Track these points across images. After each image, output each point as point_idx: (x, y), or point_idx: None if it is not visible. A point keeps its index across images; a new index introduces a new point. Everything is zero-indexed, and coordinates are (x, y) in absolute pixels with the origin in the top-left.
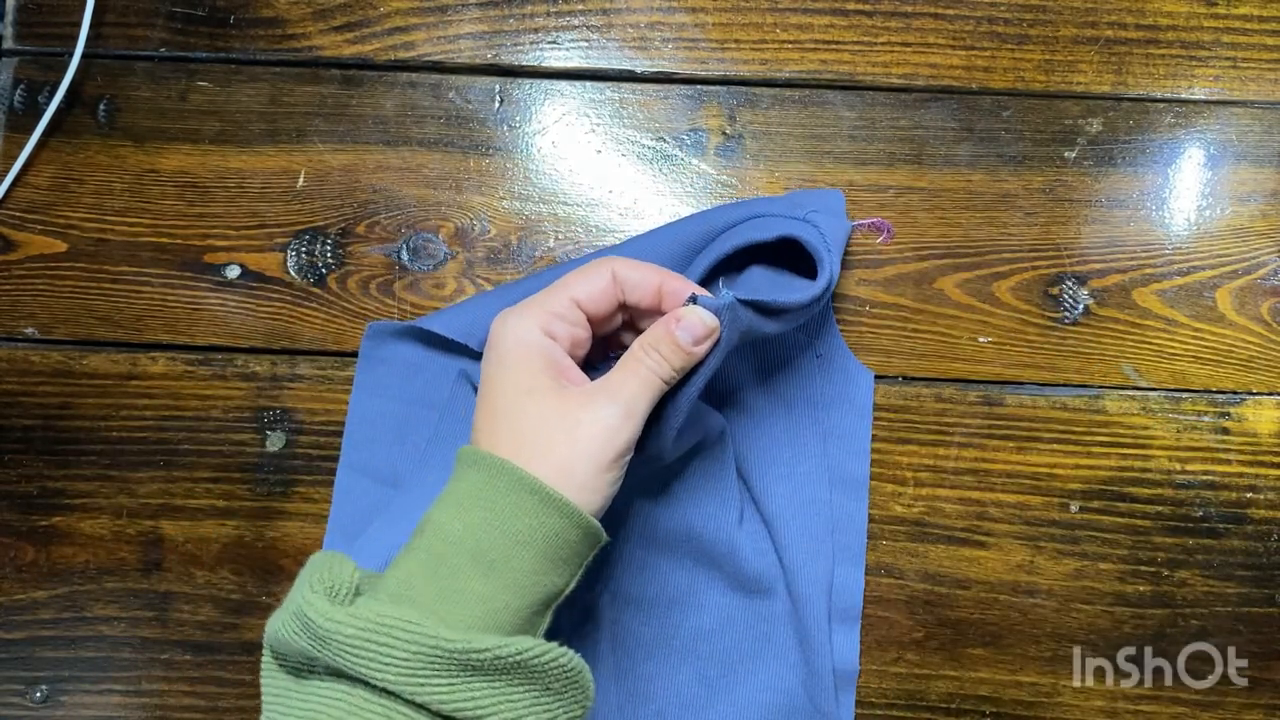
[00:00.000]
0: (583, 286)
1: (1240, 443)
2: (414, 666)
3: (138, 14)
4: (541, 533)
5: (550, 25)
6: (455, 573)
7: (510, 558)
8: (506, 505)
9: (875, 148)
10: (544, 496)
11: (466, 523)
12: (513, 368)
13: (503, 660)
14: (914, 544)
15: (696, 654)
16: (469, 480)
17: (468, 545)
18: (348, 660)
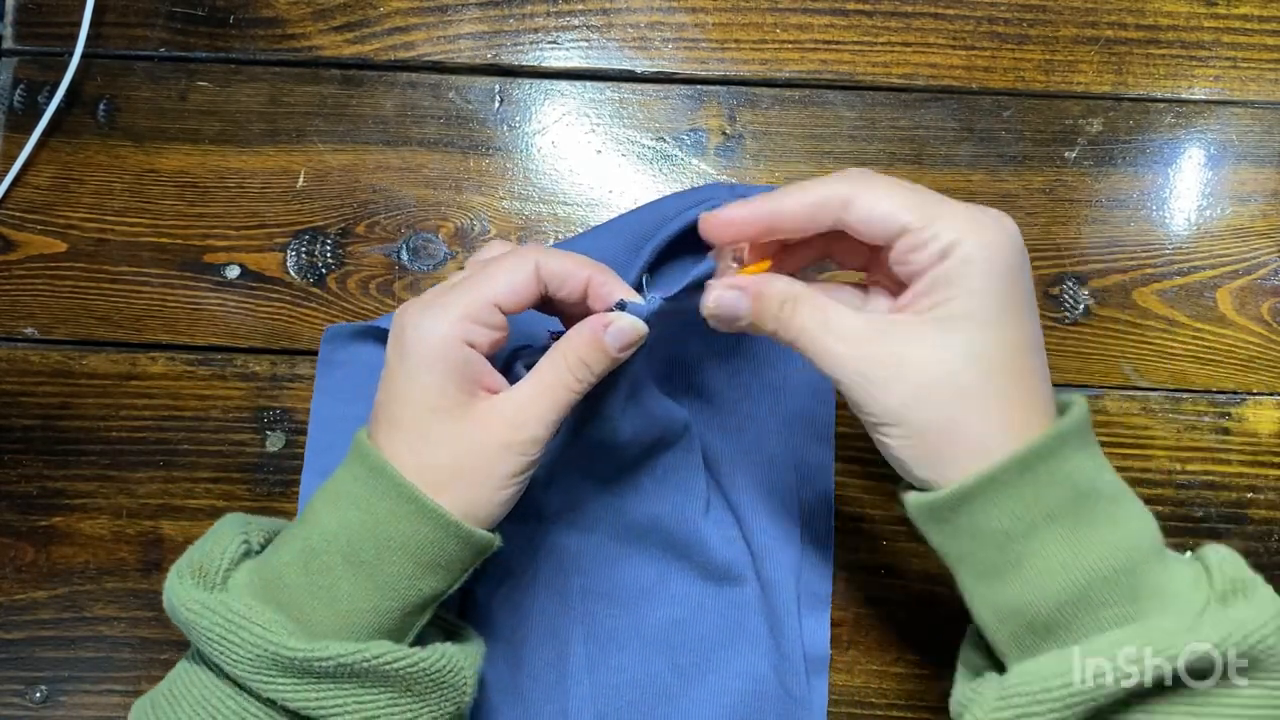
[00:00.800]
0: (503, 286)
1: (1240, 443)
2: (259, 665)
3: (138, 14)
4: (416, 540)
5: (550, 25)
6: (326, 570)
7: (382, 561)
8: (382, 509)
9: (875, 148)
10: (421, 506)
11: (341, 520)
12: (423, 381)
13: (349, 666)
14: (914, 544)
15: (669, 644)
16: (352, 474)
17: (340, 543)
18: (206, 649)
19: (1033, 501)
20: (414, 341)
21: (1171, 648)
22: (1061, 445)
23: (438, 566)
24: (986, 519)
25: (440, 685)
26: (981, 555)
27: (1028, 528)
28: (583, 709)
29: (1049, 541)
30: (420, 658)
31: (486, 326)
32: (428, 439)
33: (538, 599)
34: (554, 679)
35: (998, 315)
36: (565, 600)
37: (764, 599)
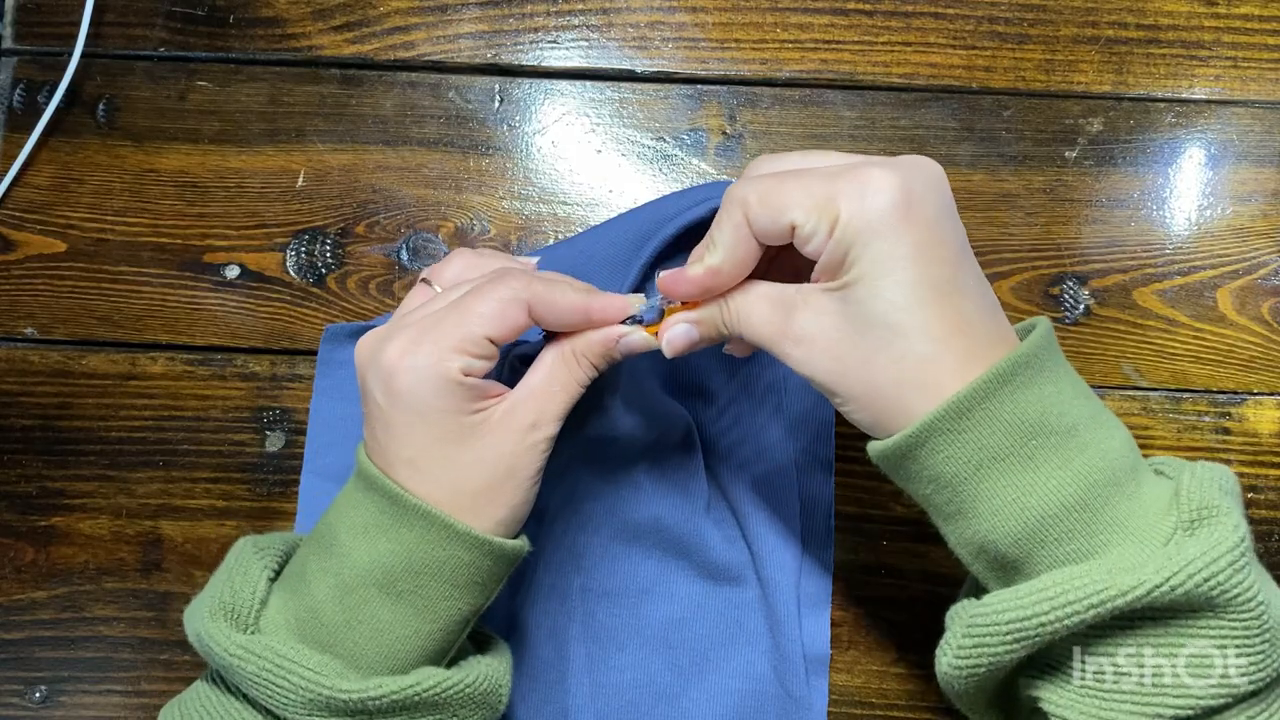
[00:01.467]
0: (494, 321)
1: (1241, 443)
2: (311, 709)
3: (137, 14)
4: (452, 564)
5: (550, 25)
6: (364, 603)
7: (420, 588)
8: (412, 539)
9: (876, 147)
10: (452, 531)
11: (372, 553)
12: (427, 421)
13: (400, 701)
14: (915, 544)
15: (668, 643)
16: (375, 505)
17: (375, 576)
18: (253, 692)
19: (976, 445)
20: (409, 385)
21: (1120, 585)
22: (1003, 384)
23: (474, 584)
24: (935, 464)
25: (481, 704)
26: (938, 498)
27: (974, 470)
28: (582, 709)
29: (996, 482)
30: (466, 682)
31: (481, 358)
32: (449, 466)
33: (537, 598)
34: (554, 678)
35: (905, 270)
36: (565, 600)
37: (764, 599)
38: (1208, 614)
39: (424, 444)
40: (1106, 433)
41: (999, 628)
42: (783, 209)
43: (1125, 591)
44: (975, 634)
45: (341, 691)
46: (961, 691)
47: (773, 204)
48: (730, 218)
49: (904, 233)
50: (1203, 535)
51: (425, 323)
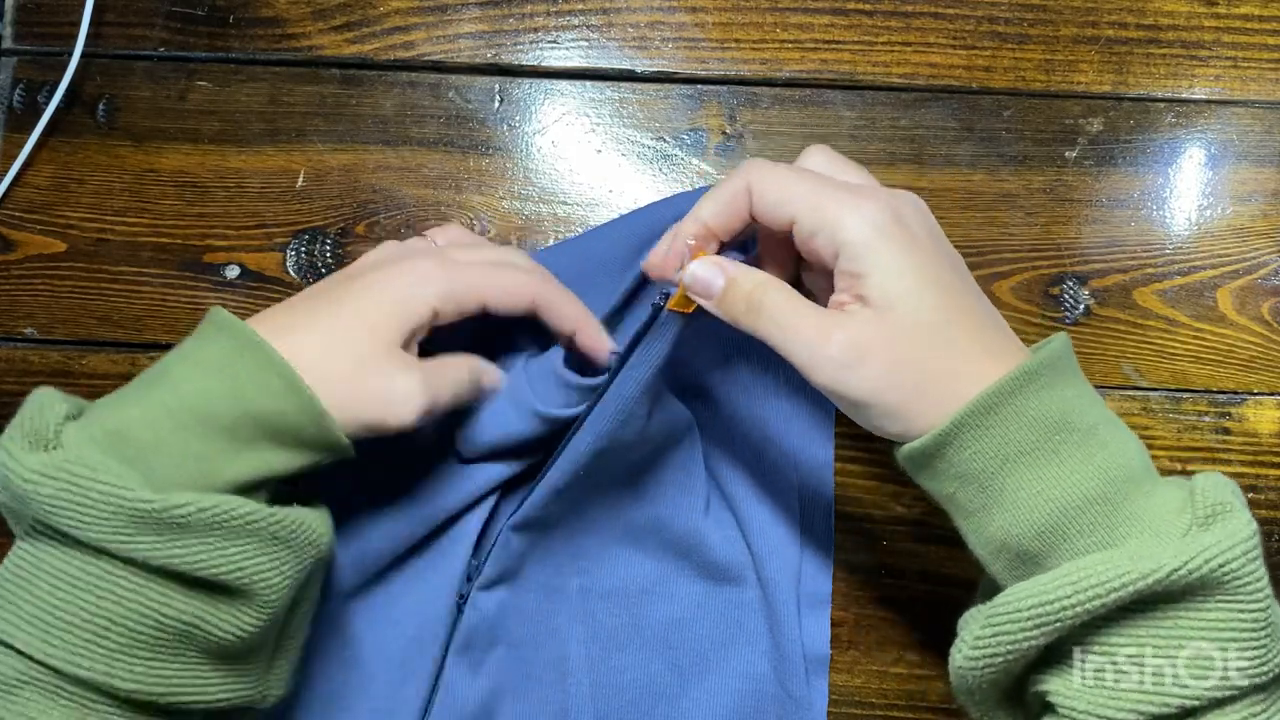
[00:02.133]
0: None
1: (1241, 443)
2: (116, 525)
3: (137, 14)
4: (277, 418)
5: (550, 25)
6: (180, 427)
7: (237, 429)
8: (248, 380)
9: (875, 147)
10: (291, 383)
11: (202, 386)
12: (384, 307)
13: (206, 517)
14: (915, 544)
15: (668, 643)
16: (217, 345)
17: (199, 406)
18: (53, 518)
19: (1002, 440)
20: (408, 280)
21: (1141, 569)
22: (1027, 383)
23: (290, 448)
24: (962, 460)
25: (293, 542)
26: (963, 495)
27: (1000, 464)
28: (582, 709)
29: (1022, 476)
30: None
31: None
32: (331, 353)
33: (537, 599)
34: (554, 679)
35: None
36: (565, 600)
37: (764, 599)
38: (1217, 599)
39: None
40: (1124, 436)
41: (1020, 614)
42: (788, 200)
43: (1146, 574)
44: (995, 622)
45: (143, 501)
46: (974, 686)
47: (779, 192)
48: (733, 185)
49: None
50: (1218, 528)
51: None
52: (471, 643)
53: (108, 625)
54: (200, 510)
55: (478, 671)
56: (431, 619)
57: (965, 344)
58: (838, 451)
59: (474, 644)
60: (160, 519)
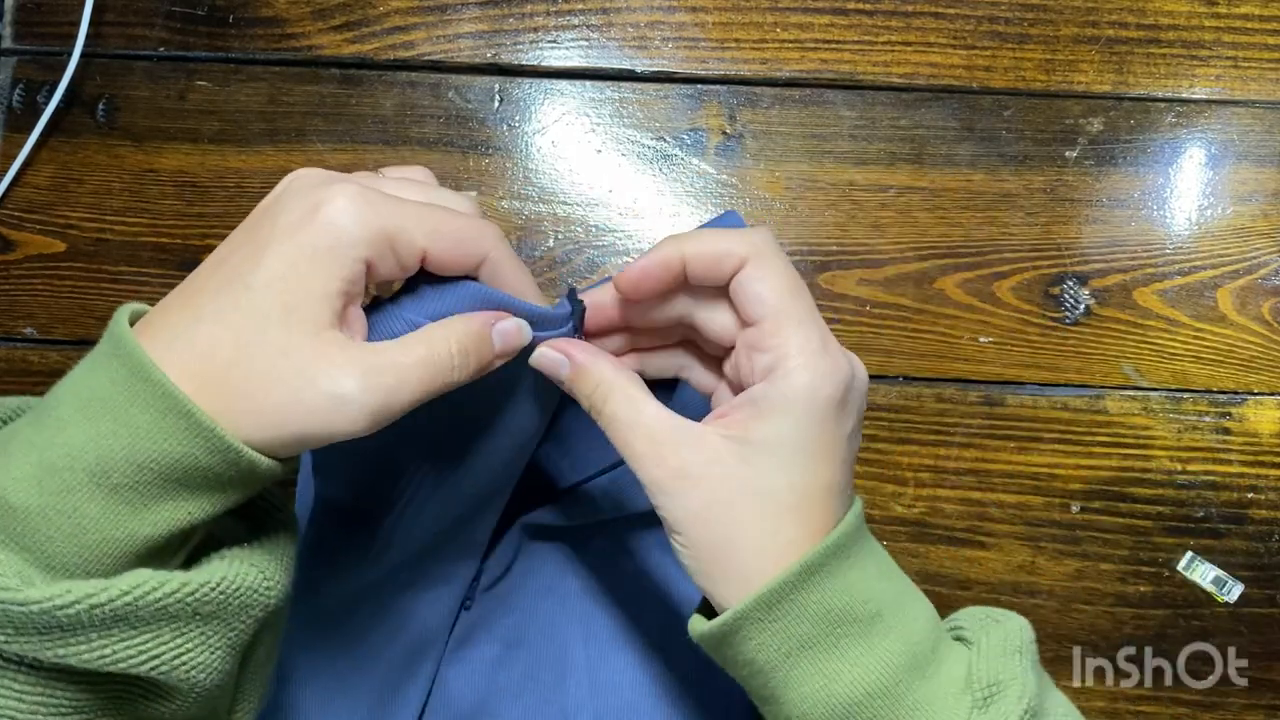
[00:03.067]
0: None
1: (1241, 443)
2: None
3: (137, 14)
4: (185, 463)
5: (550, 25)
6: (68, 490)
7: (140, 484)
8: (142, 423)
9: (876, 147)
10: (193, 424)
11: (91, 433)
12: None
13: (102, 611)
14: (915, 544)
15: (667, 644)
16: (109, 375)
17: (88, 460)
18: None
19: (785, 634)
20: (334, 222)
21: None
22: (810, 575)
23: (210, 491)
24: (747, 651)
25: (233, 599)
26: (753, 683)
27: (783, 657)
28: (582, 708)
29: (805, 669)
30: (191, 583)
31: (397, 260)
32: (255, 331)
33: (536, 600)
34: (553, 679)
35: (798, 457)
36: (564, 600)
37: None
38: None
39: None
40: (910, 614)
41: None
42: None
43: None
44: None
45: (19, 602)
46: None
47: (779, 285)
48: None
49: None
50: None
51: (380, 194)
52: (469, 642)
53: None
54: (93, 604)
55: (473, 670)
56: (435, 622)
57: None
58: None
59: (471, 643)
60: (41, 619)
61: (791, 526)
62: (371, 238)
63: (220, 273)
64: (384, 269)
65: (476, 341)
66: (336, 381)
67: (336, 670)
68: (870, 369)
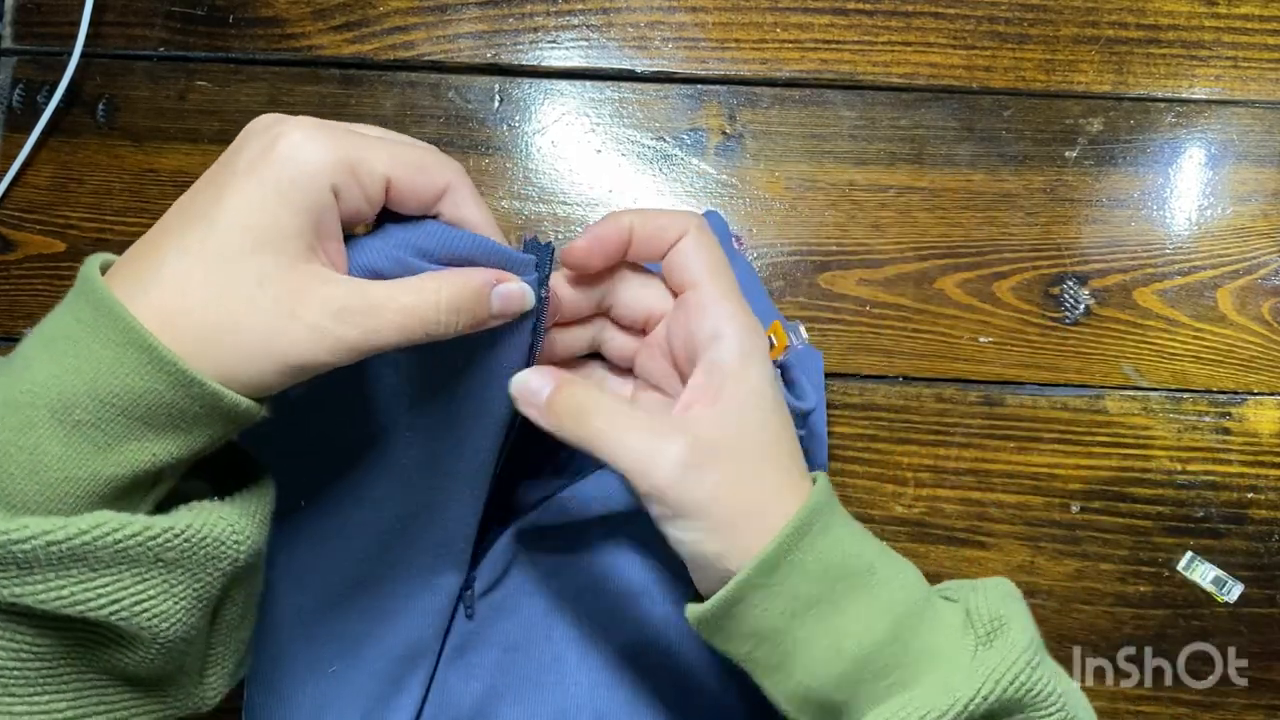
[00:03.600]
0: (404, 171)
1: (1241, 443)
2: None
3: (137, 14)
4: (148, 399)
5: (550, 25)
6: (28, 427)
7: (103, 421)
8: (105, 358)
9: (876, 147)
10: (155, 358)
11: (54, 369)
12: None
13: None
14: (915, 544)
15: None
16: (73, 313)
17: (50, 396)
18: None
19: (789, 595)
20: (291, 157)
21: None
22: (803, 534)
23: (175, 430)
24: (752, 619)
25: (198, 549)
26: (760, 653)
27: (789, 619)
28: (581, 711)
29: (812, 629)
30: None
31: (361, 190)
32: (226, 268)
33: (533, 602)
34: (552, 682)
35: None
36: (561, 602)
37: None
38: (1019, 715)
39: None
40: (899, 566)
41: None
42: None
43: (944, 711)
44: None
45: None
46: None
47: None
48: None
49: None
50: (999, 644)
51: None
52: (466, 645)
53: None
54: (50, 541)
55: (471, 674)
56: (425, 633)
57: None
58: (837, 452)
59: (468, 646)
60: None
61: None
62: (333, 166)
63: (184, 215)
64: (350, 199)
65: (472, 300)
66: (315, 311)
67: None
68: (870, 369)
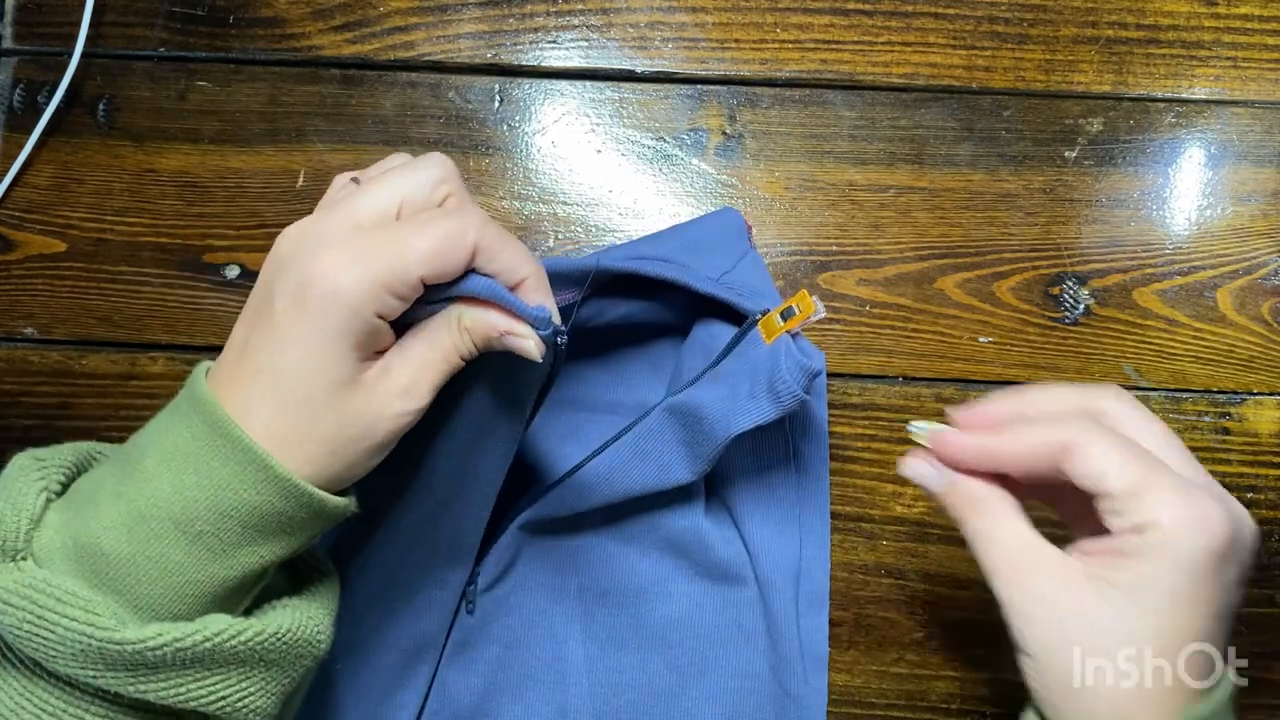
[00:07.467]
0: (435, 262)
1: (1241, 443)
2: (85, 660)
3: (137, 14)
4: (263, 510)
5: (550, 25)
6: (155, 538)
7: (222, 531)
8: (225, 475)
9: (875, 147)
10: (271, 475)
11: (177, 485)
12: (323, 350)
13: (184, 652)
14: (915, 544)
15: (666, 643)
16: (190, 430)
17: (174, 510)
18: (19, 644)
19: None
20: (326, 302)
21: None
22: None
23: (283, 535)
24: None
25: (293, 648)
26: None
27: None
28: (581, 708)
29: None
30: (264, 631)
31: (401, 300)
32: (307, 411)
33: (536, 600)
34: (552, 679)
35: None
36: (563, 600)
37: (762, 598)
38: None
39: (300, 376)
40: None
41: None
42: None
43: None
44: None
45: (116, 642)
46: None
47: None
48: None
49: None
50: None
51: (364, 245)
52: (468, 642)
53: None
54: (179, 647)
55: (472, 671)
56: (431, 626)
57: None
58: (837, 451)
59: (470, 643)
60: (133, 658)
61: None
62: (370, 297)
63: (249, 364)
64: (391, 311)
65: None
66: (390, 404)
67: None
68: (870, 369)
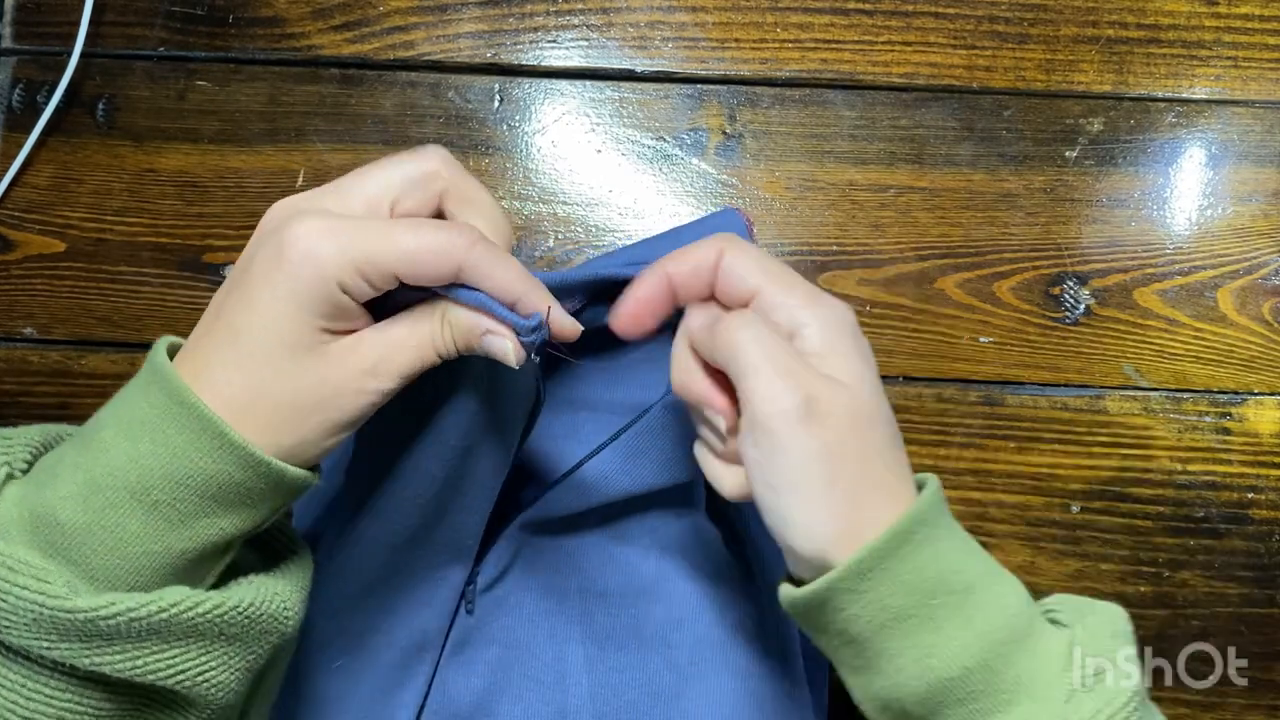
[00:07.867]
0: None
1: (1241, 443)
2: (39, 630)
3: (136, 13)
4: (220, 480)
5: (550, 24)
6: (110, 507)
7: (178, 500)
8: (180, 443)
9: (876, 147)
10: (227, 442)
11: (132, 452)
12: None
13: (142, 621)
14: None
15: (667, 643)
16: (148, 399)
17: (129, 478)
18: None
19: (878, 605)
20: (299, 264)
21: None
22: (902, 544)
23: (243, 506)
24: (839, 622)
25: (255, 623)
26: (844, 653)
27: (878, 629)
28: (581, 709)
29: (900, 642)
30: (223, 604)
31: (371, 285)
32: (265, 369)
33: (535, 599)
34: (552, 679)
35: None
36: (563, 600)
37: (762, 598)
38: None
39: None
40: (1002, 588)
41: None
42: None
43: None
44: None
45: (67, 610)
46: None
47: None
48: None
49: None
50: (1099, 691)
51: (350, 222)
52: (467, 642)
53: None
54: (133, 617)
55: (472, 671)
56: (431, 625)
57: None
58: None
59: (469, 643)
60: (85, 627)
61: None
62: (339, 268)
63: (219, 322)
64: (359, 292)
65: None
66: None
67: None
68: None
